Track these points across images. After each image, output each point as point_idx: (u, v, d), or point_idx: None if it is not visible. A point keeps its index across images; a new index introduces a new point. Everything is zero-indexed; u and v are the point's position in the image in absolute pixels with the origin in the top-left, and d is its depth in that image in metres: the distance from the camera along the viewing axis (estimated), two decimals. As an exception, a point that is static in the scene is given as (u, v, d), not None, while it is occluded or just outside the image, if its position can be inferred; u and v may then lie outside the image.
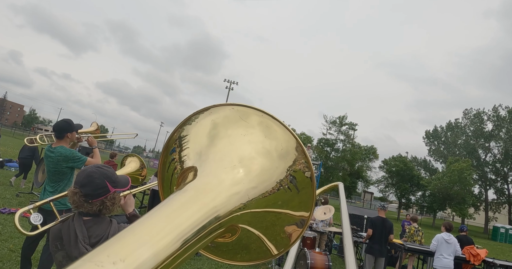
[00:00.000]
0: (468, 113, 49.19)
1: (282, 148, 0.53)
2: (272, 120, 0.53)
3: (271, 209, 0.52)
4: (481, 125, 46.89)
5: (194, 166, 0.51)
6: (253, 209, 0.49)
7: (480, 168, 45.64)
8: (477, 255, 6.20)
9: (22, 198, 8.54)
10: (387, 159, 47.75)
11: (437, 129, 52.27)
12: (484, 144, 46.68)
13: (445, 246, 5.77)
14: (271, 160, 0.53)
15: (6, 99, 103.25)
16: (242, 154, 0.52)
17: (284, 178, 0.52)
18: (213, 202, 0.45)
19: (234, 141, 0.53)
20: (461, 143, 47.99)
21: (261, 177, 0.51)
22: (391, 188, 47.39)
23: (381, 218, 5.97)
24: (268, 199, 0.51)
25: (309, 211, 0.53)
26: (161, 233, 0.37)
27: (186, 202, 0.43)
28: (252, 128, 0.54)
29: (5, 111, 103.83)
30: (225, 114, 0.54)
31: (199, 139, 0.54)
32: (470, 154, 46.27)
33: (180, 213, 0.41)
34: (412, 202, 46.93)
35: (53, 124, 3.57)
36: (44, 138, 5.20)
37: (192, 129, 0.55)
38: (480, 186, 46.69)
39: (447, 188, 38.55)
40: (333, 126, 44.77)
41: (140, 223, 0.37)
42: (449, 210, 43.57)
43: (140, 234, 0.35)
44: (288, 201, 0.53)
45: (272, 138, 0.53)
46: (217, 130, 0.54)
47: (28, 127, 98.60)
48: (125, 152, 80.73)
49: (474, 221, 47.13)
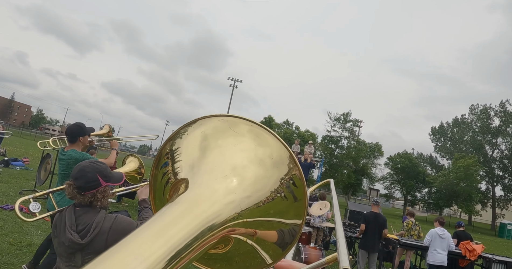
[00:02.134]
0: (475, 109, 48.58)
1: (274, 156, 0.52)
2: (261, 129, 0.53)
3: (264, 218, 0.51)
4: (488, 121, 46.27)
5: (186, 178, 0.51)
6: (246, 219, 0.49)
7: (487, 165, 45.09)
8: (473, 250, 6.19)
9: (25, 195, 8.69)
10: (393, 156, 47.41)
11: (443, 125, 51.75)
12: (491, 140, 46.08)
13: (439, 241, 5.77)
14: (264, 169, 0.52)
15: (13, 100, 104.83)
16: (234, 163, 0.52)
17: (278, 187, 0.52)
18: (205, 213, 0.44)
19: (225, 151, 0.53)
20: (468, 139, 47.46)
21: (255, 186, 0.51)
22: (397, 185, 47.07)
23: (374, 213, 5.98)
24: (262, 209, 0.50)
25: (301, 219, 0.53)
26: (153, 246, 0.36)
27: (178, 214, 0.43)
28: (242, 136, 0.53)
29: (13, 112, 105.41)
30: (214, 125, 0.54)
31: (190, 152, 0.54)
32: (476, 150, 45.73)
33: (172, 226, 0.40)
34: (418, 199, 46.56)
35: (60, 124, 3.66)
36: (57, 141, 5.30)
37: (183, 142, 0.55)
38: (487, 182, 46.16)
39: (453, 185, 38.19)
40: (337, 123, 44.59)
41: (132, 237, 0.37)
42: (456, 207, 43.15)
43: (132, 248, 0.35)
44: (281, 210, 0.52)
45: (264, 146, 0.53)
46: (208, 142, 0.53)
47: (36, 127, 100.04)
48: (131, 151, 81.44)
49: (482, 218, 46.64)
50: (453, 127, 50.24)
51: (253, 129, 0.53)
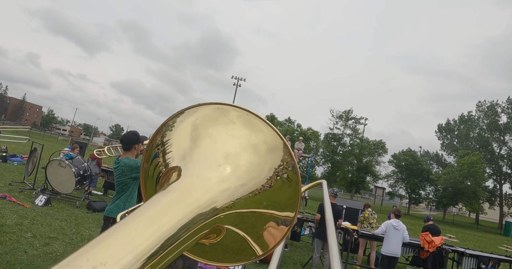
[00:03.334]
0: (482, 106, 47.70)
1: (269, 142, 0.51)
2: (253, 116, 0.52)
3: (256, 210, 0.51)
4: (495, 117, 45.37)
5: (178, 166, 0.50)
6: (238, 210, 0.48)
7: (494, 162, 44.27)
8: (431, 242, 6.26)
9: (13, 186, 9.19)
10: (397, 154, 47.01)
11: (450, 122, 50.99)
12: (499, 137, 45.20)
13: (393, 232, 5.86)
14: (258, 155, 0.51)
15: (25, 100, 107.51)
16: (226, 150, 0.51)
17: (273, 175, 0.50)
18: (197, 202, 0.43)
19: (216, 139, 0.51)
20: (474, 136, 46.65)
21: (250, 173, 0.50)
22: (401, 183, 46.64)
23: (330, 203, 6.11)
24: (256, 198, 0.49)
25: (294, 212, 0.52)
26: (144, 235, 0.35)
27: (169, 202, 0.42)
28: (233, 123, 0.52)
29: (25, 112, 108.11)
30: (203, 114, 0.53)
31: (181, 142, 0.53)
32: (483, 147, 44.94)
33: (163, 214, 0.39)
34: (422, 197, 46.04)
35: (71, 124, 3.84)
36: (111, 150, 5.52)
37: (173, 133, 0.54)
38: (494, 180, 45.33)
39: (457, 183, 37.66)
40: (339, 121, 44.44)
41: (122, 225, 0.36)
42: (460, 205, 42.53)
43: (122, 236, 0.34)
44: (274, 201, 0.51)
45: (257, 131, 0.51)
46: (198, 131, 0.52)
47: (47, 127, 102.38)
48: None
49: (489, 217, 45.86)
50: (459, 124, 49.42)
51: (243, 115, 0.52)
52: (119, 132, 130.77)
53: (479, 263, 7.81)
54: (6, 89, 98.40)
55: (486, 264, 7.82)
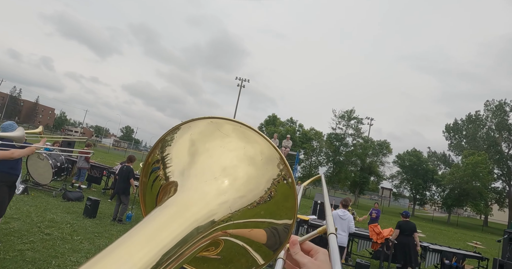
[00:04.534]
0: (490, 105, 46.56)
1: (265, 152, 0.52)
2: (246, 128, 0.52)
3: (255, 220, 0.51)
4: (504, 117, 44.21)
5: (175, 181, 0.50)
6: (236, 221, 0.48)
7: (503, 162, 43.09)
8: (380, 233, 6.25)
9: None
10: (401, 154, 46.34)
11: (458, 122, 49.94)
12: (508, 137, 44.00)
13: (339, 222, 5.91)
14: (255, 167, 0.51)
15: (38, 103, 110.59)
16: (223, 164, 0.51)
17: (271, 186, 0.51)
18: (195, 216, 0.44)
19: (213, 153, 0.52)
20: (482, 136, 45.56)
21: (249, 185, 0.50)
22: (406, 183, 45.92)
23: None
24: (255, 209, 0.50)
25: (292, 219, 0.53)
26: (142, 251, 0.36)
27: (167, 217, 0.42)
28: (228, 136, 0.52)
29: (38, 114, 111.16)
30: (199, 130, 0.54)
31: (180, 158, 0.53)
32: (492, 147, 43.83)
33: (162, 229, 0.40)
34: (427, 198, 45.19)
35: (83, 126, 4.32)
36: None
37: (172, 148, 0.54)
38: (504, 181, 44.11)
39: (461, 183, 36.84)
40: (342, 121, 44.15)
41: (121, 241, 0.36)
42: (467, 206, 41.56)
43: (120, 254, 0.34)
44: (272, 210, 0.52)
45: (253, 143, 0.52)
46: (196, 147, 0.53)
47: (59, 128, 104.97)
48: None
49: (498, 218, 44.64)
50: (467, 124, 48.35)
51: (236, 127, 0.53)
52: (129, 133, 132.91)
53: (442, 258, 7.74)
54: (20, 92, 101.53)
55: (450, 259, 7.74)
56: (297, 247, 0.55)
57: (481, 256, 7.76)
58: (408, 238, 7.37)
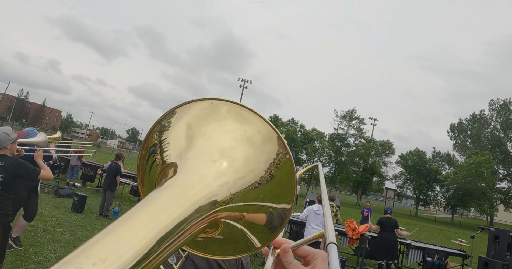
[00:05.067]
0: (494, 104, 46.07)
1: (263, 132, 0.51)
2: (242, 108, 0.52)
3: (254, 203, 0.51)
4: (509, 116, 43.67)
5: (174, 162, 0.50)
6: (236, 203, 0.49)
7: (508, 162, 42.52)
8: (355, 229, 6.32)
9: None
10: (404, 154, 46.06)
11: (462, 122, 49.47)
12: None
13: (314, 217, 6.00)
14: (253, 147, 0.51)
15: (45, 105, 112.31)
16: (221, 146, 0.51)
17: (269, 166, 0.50)
18: (195, 198, 0.44)
19: (211, 136, 0.52)
20: (486, 135, 45.05)
21: (248, 166, 0.50)
22: (410, 184, 45.60)
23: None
24: (254, 191, 0.50)
25: (291, 204, 0.52)
26: (142, 232, 0.35)
27: (166, 198, 0.42)
28: (225, 119, 0.52)
29: (45, 117, 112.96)
30: (196, 112, 0.54)
31: (177, 141, 0.53)
32: (497, 147, 43.29)
33: (160, 211, 0.40)
34: (430, 198, 44.80)
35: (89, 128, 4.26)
36: None
37: (169, 132, 0.54)
38: (509, 181, 43.51)
39: (464, 183, 36.48)
40: (343, 121, 44.07)
41: (120, 222, 0.36)
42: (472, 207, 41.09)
43: (121, 234, 0.34)
44: (271, 193, 0.51)
45: (249, 123, 0.52)
46: (193, 130, 0.53)
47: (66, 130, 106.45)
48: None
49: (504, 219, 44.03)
50: (472, 123, 47.86)
51: (232, 108, 0.53)
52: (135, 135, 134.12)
53: (424, 255, 7.76)
54: (27, 95, 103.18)
55: (432, 256, 7.75)
56: (290, 255, 0.49)
57: (464, 253, 7.76)
58: (389, 234, 7.46)
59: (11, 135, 3.14)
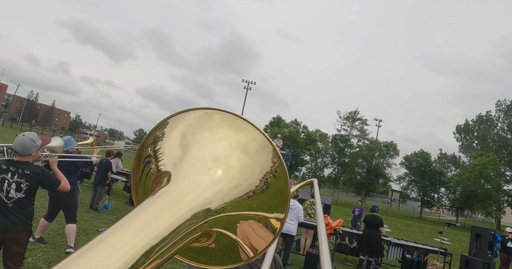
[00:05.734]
0: (501, 105, 45.40)
1: (258, 140, 0.51)
2: (235, 117, 0.52)
3: (247, 212, 0.51)
4: (516, 117, 43.00)
5: (168, 171, 0.50)
6: (229, 213, 0.48)
7: (515, 164, 41.83)
8: (328, 224, 6.48)
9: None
10: (409, 155, 45.71)
11: (469, 123, 48.85)
12: (521, 138, 42.73)
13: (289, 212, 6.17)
14: (248, 155, 0.51)
15: (54, 107, 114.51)
16: (215, 154, 0.50)
17: (264, 176, 0.50)
18: (188, 206, 0.43)
19: (204, 144, 0.52)
20: (492, 136, 44.43)
21: (243, 174, 0.50)
22: (414, 185, 45.20)
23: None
24: (248, 201, 0.49)
25: (284, 213, 0.52)
26: (134, 240, 0.36)
27: (160, 207, 0.42)
28: (218, 127, 0.52)
29: (54, 118, 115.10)
30: (189, 122, 0.53)
31: (171, 151, 0.52)
32: (503, 148, 42.63)
33: (153, 219, 0.40)
34: (434, 200, 44.34)
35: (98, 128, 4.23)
36: None
37: (164, 142, 0.54)
38: (516, 183, 42.80)
39: (468, 185, 36.05)
40: (346, 122, 44.01)
41: (112, 231, 0.36)
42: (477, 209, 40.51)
43: (112, 242, 0.34)
44: (265, 202, 0.51)
45: (243, 130, 0.51)
46: (187, 140, 0.52)
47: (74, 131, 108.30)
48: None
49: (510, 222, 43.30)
50: (479, 124, 47.23)
51: (225, 116, 0.52)
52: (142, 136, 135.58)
53: (404, 252, 7.86)
54: (37, 96, 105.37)
55: (411, 253, 7.85)
56: None
57: (444, 251, 7.84)
58: (373, 231, 7.64)
59: (37, 141, 3.04)
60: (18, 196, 2.89)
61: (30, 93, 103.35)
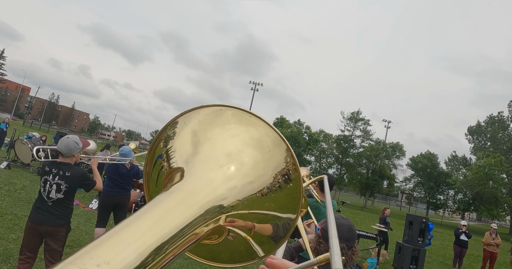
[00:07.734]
0: (514, 105, 43.86)
1: (269, 137, 0.51)
2: (246, 113, 0.52)
3: (259, 211, 0.50)
4: (529, 118, 41.47)
5: (181, 167, 0.50)
6: (241, 211, 0.48)
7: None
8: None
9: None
10: (415, 157, 44.93)
11: (481, 124, 47.46)
12: (534, 140, 41.13)
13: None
14: (262, 152, 0.50)
15: (74, 108, 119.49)
16: (227, 150, 0.50)
17: (278, 173, 0.50)
18: (200, 203, 0.44)
19: (216, 141, 0.52)
20: (503, 138, 42.97)
21: (257, 170, 0.50)
22: (420, 187, 44.33)
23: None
24: (261, 199, 0.49)
25: (296, 213, 0.52)
26: (146, 235, 0.36)
27: (172, 202, 0.42)
28: (228, 123, 0.52)
29: (74, 119, 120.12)
30: (201, 119, 0.53)
31: (183, 148, 0.53)
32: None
33: (165, 214, 0.40)
34: (440, 202, 43.28)
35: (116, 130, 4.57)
36: None
37: (175, 140, 0.54)
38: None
39: (473, 187, 35.09)
40: (350, 122, 43.83)
41: (125, 225, 0.37)
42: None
43: (125, 236, 0.35)
44: (277, 201, 0.51)
45: (255, 126, 0.51)
46: (198, 137, 0.53)
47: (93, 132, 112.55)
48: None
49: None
50: (490, 125, 45.80)
51: (235, 112, 0.52)
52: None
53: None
54: (58, 98, 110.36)
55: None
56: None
57: (374, 237, 8.14)
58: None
59: (80, 144, 3.15)
60: (57, 197, 3.06)
61: (51, 95, 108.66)
